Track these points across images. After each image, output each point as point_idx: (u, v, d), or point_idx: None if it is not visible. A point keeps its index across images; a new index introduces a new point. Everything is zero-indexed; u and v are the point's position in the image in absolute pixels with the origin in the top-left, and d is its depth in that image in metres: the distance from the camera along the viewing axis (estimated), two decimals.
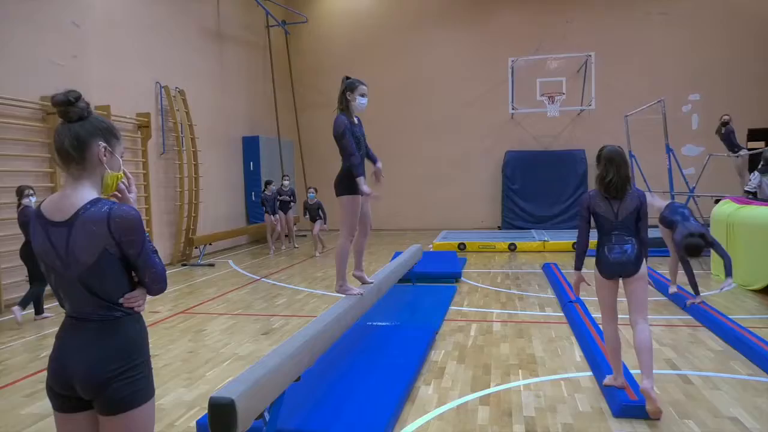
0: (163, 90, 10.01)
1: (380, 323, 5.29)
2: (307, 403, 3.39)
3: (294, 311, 6.21)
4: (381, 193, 4.40)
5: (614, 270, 3.44)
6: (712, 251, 7.66)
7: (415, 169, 14.78)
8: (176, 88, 10.36)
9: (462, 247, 10.64)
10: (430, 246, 10.82)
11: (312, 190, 11.56)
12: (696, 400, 3.51)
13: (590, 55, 12.58)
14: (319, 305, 6.41)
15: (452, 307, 6.09)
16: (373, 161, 4.26)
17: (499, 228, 14.23)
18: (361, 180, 4.00)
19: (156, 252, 1.82)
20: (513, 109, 13.09)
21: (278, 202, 11.53)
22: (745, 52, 13.34)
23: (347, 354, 4.32)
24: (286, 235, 12.14)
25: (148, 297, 1.86)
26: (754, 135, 13.50)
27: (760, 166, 8.05)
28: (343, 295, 4.23)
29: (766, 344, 4.25)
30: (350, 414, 3.24)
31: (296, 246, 11.97)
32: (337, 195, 4.09)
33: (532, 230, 12.92)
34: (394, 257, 7.87)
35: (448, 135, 14.73)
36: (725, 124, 9.93)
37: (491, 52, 14.26)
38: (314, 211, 11.24)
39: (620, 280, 3.49)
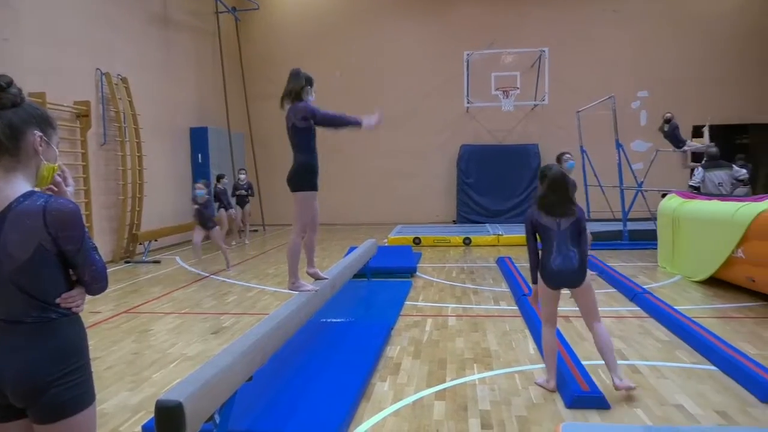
0: (104, 77, 9.63)
1: (335, 320, 5.27)
2: (260, 403, 3.34)
3: (245, 309, 6.11)
4: (335, 189, 4.43)
5: (559, 279, 3.57)
6: (657, 242, 8.04)
7: (370, 163, 14.80)
8: (118, 75, 9.99)
9: (417, 241, 10.73)
10: (385, 241, 10.86)
11: (243, 170, 11.52)
12: (644, 388, 3.65)
13: (544, 51, 12.87)
14: (272, 302, 6.33)
15: (407, 303, 6.13)
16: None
17: (454, 222, 14.42)
18: (365, 118, 4.17)
19: (96, 249, 1.74)
20: (468, 102, 13.26)
21: (235, 197, 11.34)
22: (691, 52, 13.96)
23: (301, 352, 4.28)
24: (241, 230, 11.94)
25: (88, 297, 1.78)
26: (698, 132, 14.13)
27: (703, 162, 8.45)
28: (296, 292, 4.19)
29: (708, 334, 4.47)
30: (304, 413, 3.22)
31: (247, 242, 11.77)
32: (294, 190, 4.07)
33: (487, 224, 13.16)
34: (349, 252, 7.85)
35: (403, 128, 14.79)
36: (668, 121, 10.35)
37: (447, 44, 14.40)
38: (244, 196, 11.22)
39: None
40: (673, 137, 10.44)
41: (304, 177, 4.08)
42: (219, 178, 11.16)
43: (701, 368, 4.00)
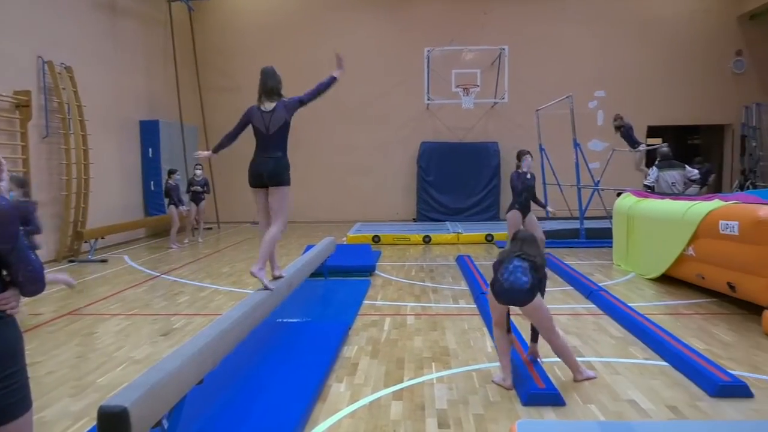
0: (46, 66, 9.26)
1: (291, 320, 5.23)
2: (211, 407, 3.28)
3: (197, 309, 5.99)
4: (294, 185, 4.52)
5: (506, 297, 3.70)
6: (613, 240, 8.28)
7: (329, 159, 14.73)
8: (62, 64, 9.62)
9: (376, 239, 10.74)
10: (344, 239, 10.83)
11: (199, 166, 11.31)
12: (598, 385, 3.76)
13: (504, 49, 13.07)
14: (225, 302, 6.22)
15: (366, 302, 6.13)
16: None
17: (414, 220, 14.51)
18: (334, 72, 4.85)
19: (33, 248, 1.67)
20: (428, 99, 13.36)
21: (190, 193, 11.12)
22: (646, 54, 14.43)
23: (255, 353, 4.23)
24: (195, 228, 11.70)
25: (26, 298, 1.71)
26: (653, 132, 14.66)
27: (657, 162, 8.74)
28: (249, 292, 4.14)
29: (660, 330, 4.63)
30: (257, 416, 3.18)
31: (200, 240, 11.54)
32: (280, 184, 4.36)
33: (447, 222, 13.29)
34: (306, 251, 7.80)
35: (363, 124, 14.79)
36: (620, 126, 10.65)
37: (407, 40, 14.45)
38: (200, 193, 11.00)
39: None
40: (628, 138, 10.77)
41: (286, 171, 4.41)
42: (170, 173, 10.90)
43: (653, 364, 4.15)
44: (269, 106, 4.37)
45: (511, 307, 3.81)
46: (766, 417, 3.24)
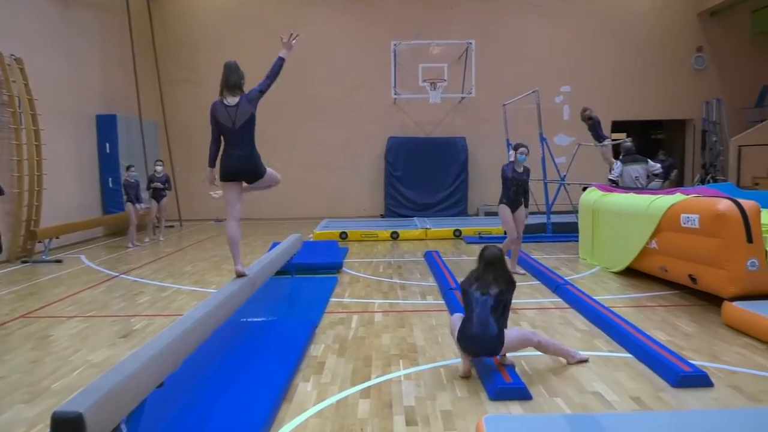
0: None
1: (256, 319, 5.18)
2: (172, 410, 3.23)
3: (158, 310, 5.88)
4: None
5: (473, 347, 3.73)
6: (579, 234, 8.45)
7: (295, 155, 14.57)
8: (11, 55, 9.29)
9: (344, 236, 10.72)
10: (311, 235, 10.78)
11: (160, 162, 11.12)
12: (564, 378, 3.84)
13: (471, 43, 13.15)
14: (188, 302, 6.12)
15: (333, 299, 6.12)
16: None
17: (382, 216, 14.53)
18: (281, 53, 5.00)
19: None
20: (395, 94, 13.36)
21: (150, 190, 10.89)
22: (611, 49, 14.72)
23: (218, 354, 4.17)
24: (156, 226, 11.47)
25: None
26: (617, 126, 14.99)
27: (621, 156, 8.94)
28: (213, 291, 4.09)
29: (624, 322, 4.75)
30: (220, 418, 3.14)
31: (161, 238, 11.33)
32: (263, 174, 4.64)
33: (415, 218, 13.34)
34: (272, 248, 7.73)
35: (329, 119, 14.71)
36: (589, 117, 10.84)
37: (373, 34, 14.42)
38: (161, 189, 10.84)
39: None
40: (594, 131, 10.99)
41: (260, 161, 4.61)
42: (127, 169, 10.65)
43: (617, 356, 4.25)
44: (233, 100, 4.45)
45: None
46: (725, 406, 3.36)
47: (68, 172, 10.95)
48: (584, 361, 4.07)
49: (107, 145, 12.08)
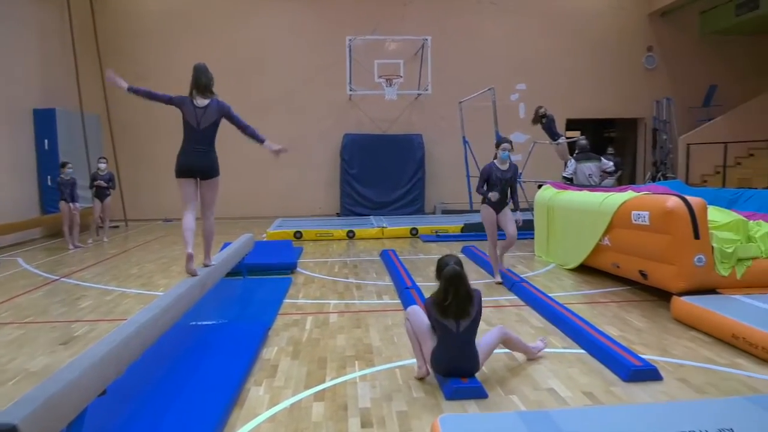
0: None
1: (206, 322, 5.09)
2: (116, 419, 3.15)
3: (102, 315, 5.70)
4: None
5: (448, 370, 3.65)
6: (534, 232, 8.64)
7: (246, 152, 14.15)
8: None
9: (298, 235, 10.65)
10: (264, 235, 10.66)
11: (103, 159, 10.81)
12: (519, 375, 3.92)
13: (427, 39, 13.26)
14: (134, 306, 5.96)
15: (287, 300, 6.07)
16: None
17: (338, 215, 14.49)
18: (269, 141, 5.21)
19: None
20: (351, 90, 13.35)
21: (93, 189, 10.54)
22: (565, 48, 15.09)
23: (166, 359, 4.09)
24: (100, 227, 11.12)
25: None
26: (571, 125, 15.39)
27: (575, 154, 9.19)
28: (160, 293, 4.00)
29: (578, 319, 4.89)
30: (168, 426, 3.07)
31: (106, 239, 10.99)
32: (217, 175, 4.91)
33: (371, 216, 13.37)
34: (223, 248, 7.61)
35: (282, 115, 14.56)
36: (543, 115, 11.11)
37: (328, 28, 14.36)
38: (104, 188, 10.59)
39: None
40: (549, 130, 11.25)
41: (217, 163, 4.89)
42: (62, 166, 10.25)
43: (571, 352, 4.37)
44: (203, 102, 4.71)
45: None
46: (673, 398, 3.50)
47: (2, 169, 10.50)
48: (542, 348, 4.23)
49: (45, 141, 11.64)
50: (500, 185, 6.46)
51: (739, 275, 5.19)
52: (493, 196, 6.46)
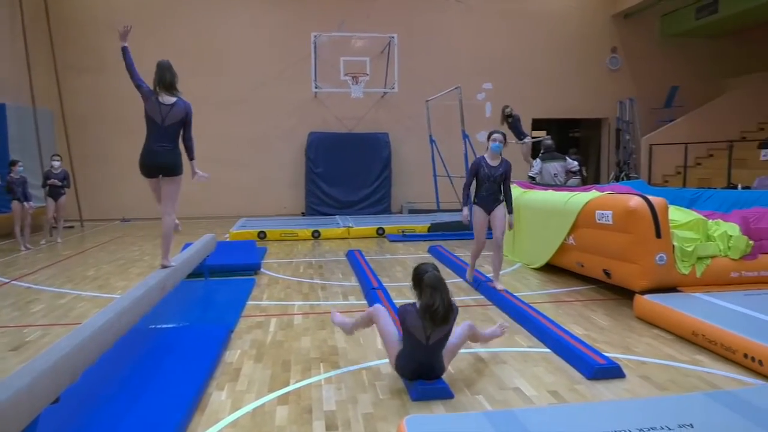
0: None
1: (166, 325, 4.99)
2: (70, 427, 3.06)
3: (55, 319, 5.54)
4: None
5: (416, 374, 3.66)
6: None
7: (208, 150, 13.95)
8: None
9: (262, 235, 10.54)
10: (227, 235, 10.53)
11: (57, 157, 10.54)
12: (485, 375, 3.96)
13: (393, 37, 13.29)
14: (90, 309, 5.81)
15: (250, 302, 6.01)
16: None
17: (303, 214, 14.41)
18: (198, 170, 5.19)
19: None
20: (316, 87, 13.28)
21: (47, 188, 10.24)
22: (531, 48, 15.32)
23: (124, 364, 4.00)
24: (53, 227, 10.80)
25: None
26: (537, 124, 15.64)
27: (541, 154, 9.34)
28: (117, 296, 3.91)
29: (543, 318, 4.97)
30: None
31: (59, 240, 10.69)
32: (179, 173, 4.94)
33: (337, 216, 13.33)
34: (184, 249, 7.48)
35: (245, 113, 14.40)
36: (510, 115, 11.26)
37: (294, 24, 14.27)
38: (58, 187, 10.32)
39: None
40: (515, 129, 11.41)
41: (180, 160, 4.90)
42: (11, 164, 9.91)
43: (536, 351, 4.44)
44: (169, 99, 4.77)
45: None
46: (636, 395, 3.59)
47: None
48: (497, 335, 4.28)
49: None
50: (489, 182, 5.95)
51: (699, 273, 5.35)
52: (465, 218, 6.18)
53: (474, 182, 6.17)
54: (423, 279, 3.61)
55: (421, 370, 3.65)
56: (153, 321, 4.97)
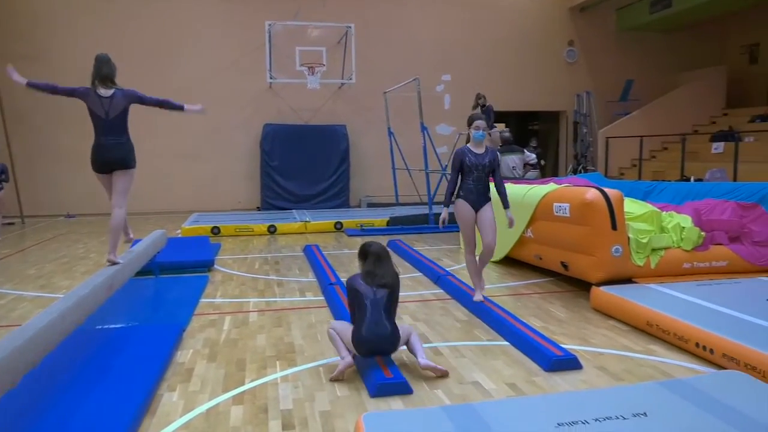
0: None
1: (114, 326, 4.87)
2: None
3: None
4: None
5: (367, 349, 3.75)
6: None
7: (158, 143, 13.81)
8: None
9: (216, 231, 10.38)
10: (178, 231, 10.33)
11: None
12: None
13: (350, 27, 13.24)
14: (32, 310, 5.61)
15: (203, 300, 5.91)
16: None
17: (259, 209, 14.26)
18: (189, 104, 5.42)
19: None
20: (271, 78, 13.13)
21: None
22: (489, 40, 15.50)
23: (68, 366, 3.88)
24: None
25: None
26: (496, 117, 15.80)
27: (499, 146, 9.47)
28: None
29: (502, 311, 5.06)
30: None
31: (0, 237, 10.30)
32: (131, 167, 5.01)
33: (294, 210, 13.24)
34: (133, 246, 7.30)
35: (197, 103, 14.07)
36: (484, 104, 11.32)
37: (247, 12, 14.05)
38: None
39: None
40: (488, 119, 11.49)
41: (132, 153, 5.00)
42: None
43: (495, 344, 4.51)
44: (107, 92, 4.81)
45: None
46: (592, 386, 3.69)
47: None
48: (428, 366, 3.79)
49: None
50: (478, 171, 5.23)
51: (653, 265, 5.54)
52: (442, 221, 5.36)
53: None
54: (368, 250, 3.99)
55: (374, 333, 3.71)
56: (100, 321, 4.84)
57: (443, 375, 3.83)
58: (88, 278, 4.58)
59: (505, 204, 5.34)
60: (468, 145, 5.40)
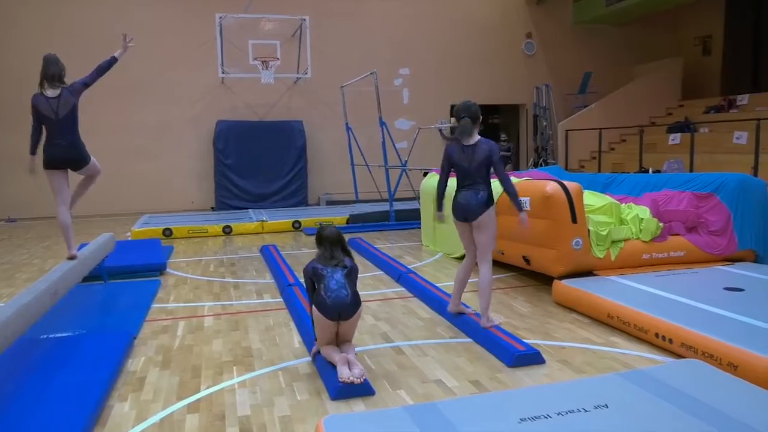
0: None
1: (59, 334, 4.73)
2: None
3: None
4: None
5: (334, 312, 3.81)
6: (421, 220, 8.89)
7: (103, 142, 13.38)
8: None
9: (168, 233, 10.18)
10: (128, 234, 10.10)
11: None
12: (407, 369, 4.03)
13: (305, 19, 13.14)
14: None
15: (155, 305, 5.80)
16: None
17: (213, 209, 14.04)
18: (116, 53, 5.50)
19: None
20: (223, 72, 12.94)
21: None
22: (447, 33, 15.61)
23: (10, 378, 3.76)
24: None
25: None
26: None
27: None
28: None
29: (465, 307, 5.10)
30: None
31: None
32: (87, 161, 5.19)
33: (250, 210, 13.08)
34: (79, 250, 7.10)
35: (143, 100, 13.80)
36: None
37: (196, 4, 13.78)
38: None
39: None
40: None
41: (85, 149, 5.14)
42: None
43: (458, 341, 4.56)
44: (53, 92, 4.89)
45: None
46: (555, 380, 3.77)
47: None
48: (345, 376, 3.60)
49: None
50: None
51: (613, 257, 5.68)
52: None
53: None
54: (323, 234, 4.10)
55: (339, 296, 3.79)
56: (44, 330, 4.69)
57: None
58: (30, 285, 4.44)
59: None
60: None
